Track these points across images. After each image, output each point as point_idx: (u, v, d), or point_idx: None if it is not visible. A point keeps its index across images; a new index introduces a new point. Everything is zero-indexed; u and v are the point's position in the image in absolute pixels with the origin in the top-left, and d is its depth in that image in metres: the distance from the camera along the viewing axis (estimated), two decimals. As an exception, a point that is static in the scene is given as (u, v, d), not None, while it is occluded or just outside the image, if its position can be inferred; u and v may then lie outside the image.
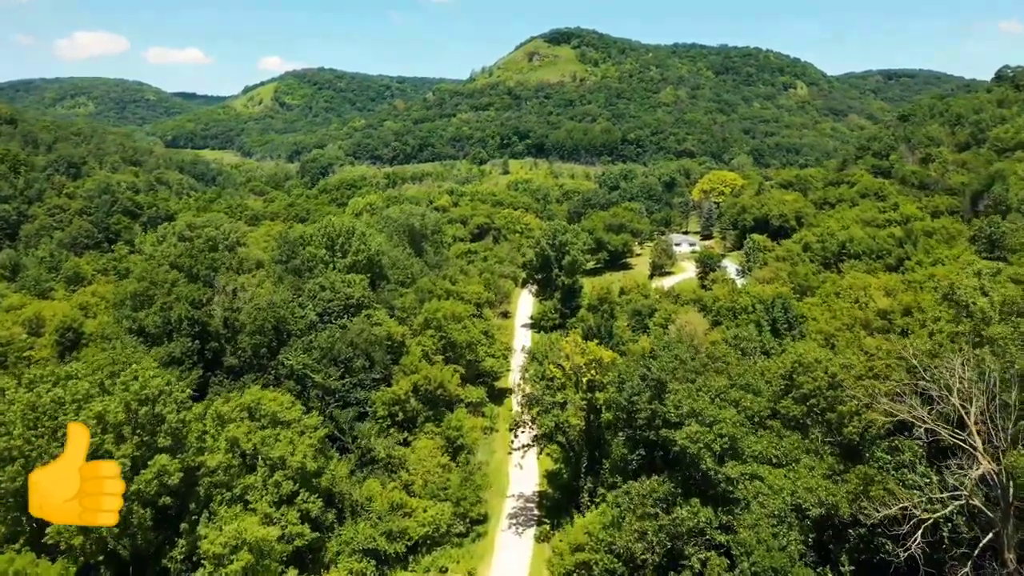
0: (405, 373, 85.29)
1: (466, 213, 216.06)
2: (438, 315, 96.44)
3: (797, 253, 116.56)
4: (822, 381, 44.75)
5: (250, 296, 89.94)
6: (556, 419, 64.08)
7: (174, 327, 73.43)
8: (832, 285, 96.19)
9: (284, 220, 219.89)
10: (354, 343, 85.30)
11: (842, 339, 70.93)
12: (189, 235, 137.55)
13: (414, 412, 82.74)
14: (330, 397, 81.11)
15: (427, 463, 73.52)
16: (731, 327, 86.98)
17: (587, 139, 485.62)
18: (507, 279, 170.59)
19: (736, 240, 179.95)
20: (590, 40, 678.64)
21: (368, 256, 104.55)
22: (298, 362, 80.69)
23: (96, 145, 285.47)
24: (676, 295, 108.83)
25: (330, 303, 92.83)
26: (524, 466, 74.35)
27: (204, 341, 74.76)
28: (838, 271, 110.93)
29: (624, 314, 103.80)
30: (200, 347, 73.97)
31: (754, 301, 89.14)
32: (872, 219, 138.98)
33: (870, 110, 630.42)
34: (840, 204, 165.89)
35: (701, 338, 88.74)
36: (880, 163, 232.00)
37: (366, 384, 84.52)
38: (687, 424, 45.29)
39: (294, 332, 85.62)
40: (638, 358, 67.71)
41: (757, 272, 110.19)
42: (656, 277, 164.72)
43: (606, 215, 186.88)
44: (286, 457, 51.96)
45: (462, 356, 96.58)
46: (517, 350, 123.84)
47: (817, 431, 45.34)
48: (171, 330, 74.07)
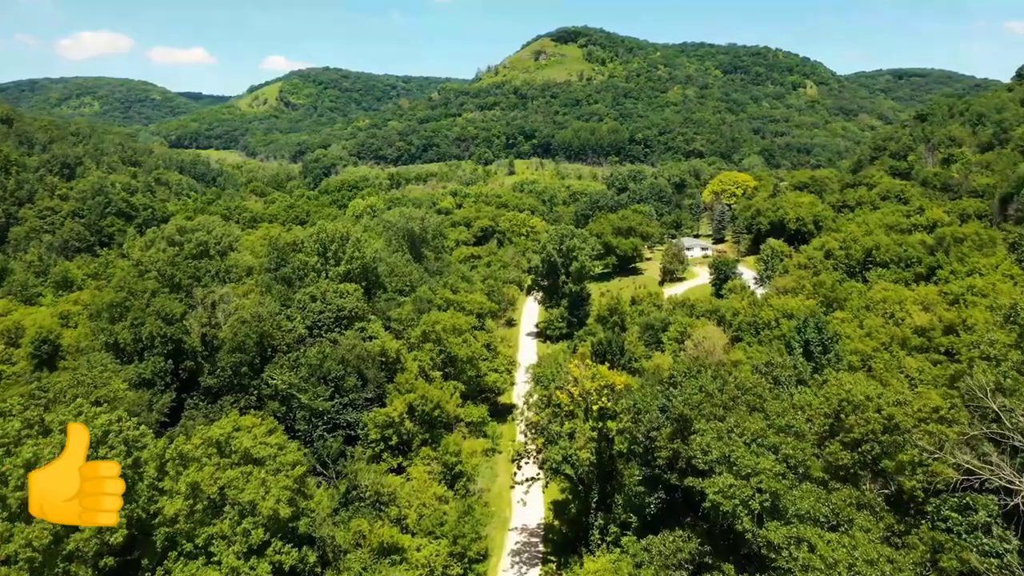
0: (400, 392, 78.94)
1: (470, 216, 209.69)
2: (437, 328, 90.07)
3: (820, 260, 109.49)
4: (875, 424, 38.12)
5: (233, 308, 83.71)
6: (564, 451, 57.55)
7: (145, 345, 67.17)
8: (860, 297, 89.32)
9: (283, 222, 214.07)
10: (345, 359, 79.03)
11: (879, 361, 64.20)
12: (179, 239, 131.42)
13: (409, 435, 76.43)
14: (318, 419, 74.90)
15: (422, 494, 67.20)
16: (753, 343, 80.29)
17: (594, 139, 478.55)
18: (512, 285, 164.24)
19: (750, 244, 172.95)
20: (597, 39, 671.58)
21: (363, 264, 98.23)
22: (283, 381, 74.48)
23: (94, 145, 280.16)
24: (691, 306, 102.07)
25: (321, 315, 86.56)
26: (529, 491, 67.92)
27: (179, 360, 68.43)
28: (864, 280, 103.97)
29: (635, 326, 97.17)
30: (174, 367, 67.62)
31: (777, 315, 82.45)
32: (896, 224, 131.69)
33: (881, 110, 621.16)
34: (860, 207, 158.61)
35: (720, 355, 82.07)
36: (898, 164, 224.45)
37: (358, 404, 78.26)
38: (718, 472, 38.71)
39: (280, 347, 79.37)
40: (654, 384, 61.09)
41: (777, 281, 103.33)
42: (667, 283, 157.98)
43: (615, 218, 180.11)
44: (257, 501, 45.59)
45: (463, 372, 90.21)
46: (522, 365, 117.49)
47: (870, 482, 38.71)
48: (143, 348, 67.83)
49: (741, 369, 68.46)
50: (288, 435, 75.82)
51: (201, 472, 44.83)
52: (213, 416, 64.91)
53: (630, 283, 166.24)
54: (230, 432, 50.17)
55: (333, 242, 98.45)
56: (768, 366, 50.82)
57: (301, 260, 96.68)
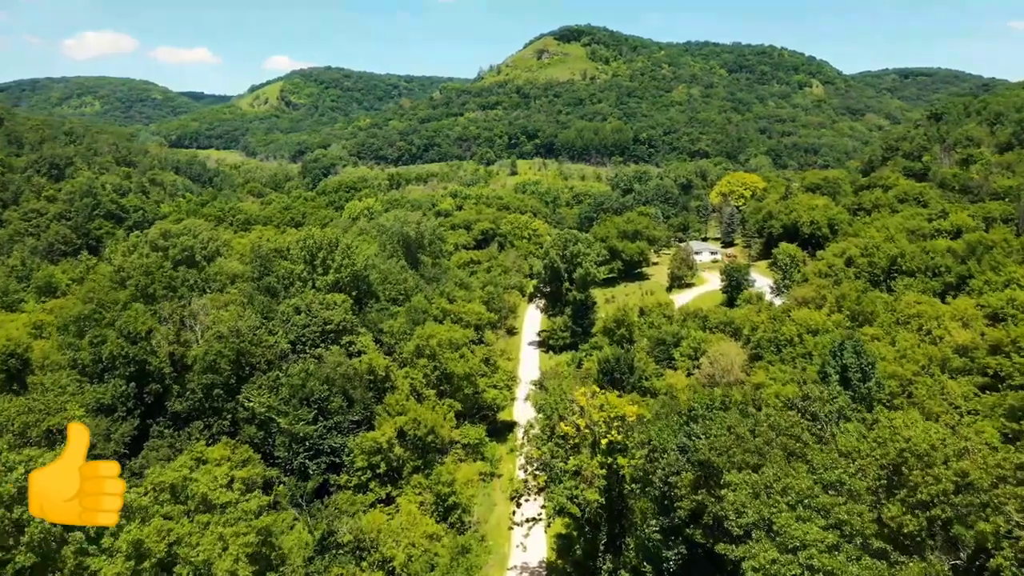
0: (389, 414, 72.51)
1: (470, 218, 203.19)
2: (432, 342, 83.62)
3: (840, 268, 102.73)
4: (947, 482, 31.60)
5: (211, 321, 77.33)
6: (569, 491, 51.04)
7: (106, 365, 60.79)
8: (886, 310, 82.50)
9: (278, 225, 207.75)
10: (330, 379, 72.63)
11: (921, 386, 57.52)
12: (163, 244, 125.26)
13: (399, 461, 69.98)
14: (299, 445, 68.50)
15: (411, 532, 60.77)
16: (775, 362, 73.65)
17: (598, 139, 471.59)
18: (513, 290, 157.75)
19: (762, 249, 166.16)
20: (601, 37, 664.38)
21: (353, 272, 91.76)
22: (261, 404, 68.06)
23: (87, 145, 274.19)
24: (703, 317, 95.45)
25: (305, 329, 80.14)
26: (529, 535, 61.32)
27: (144, 382, 61.99)
28: (889, 291, 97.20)
29: (644, 339, 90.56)
30: (138, 390, 61.18)
31: (800, 330, 75.80)
32: (917, 228, 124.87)
33: (888, 109, 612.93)
34: (877, 210, 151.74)
35: (738, 374, 75.50)
36: (912, 165, 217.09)
37: (343, 428, 71.84)
38: (755, 539, 32.16)
39: (259, 365, 72.96)
40: (671, 413, 54.52)
41: (796, 290, 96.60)
42: (675, 290, 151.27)
43: (620, 221, 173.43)
44: (213, 561, 39.16)
45: (459, 389, 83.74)
46: (523, 378, 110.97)
47: (937, 551, 32.17)
48: (103, 368, 61.46)
49: (765, 394, 61.89)
50: (266, 462, 69.48)
51: (146, 527, 38.35)
52: (180, 445, 58.48)
53: (636, 289, 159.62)
54: (186, 475, 43.72)
55: (321, 249, 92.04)
56: (805, 400, 44.17)
57: (286, 268, 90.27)
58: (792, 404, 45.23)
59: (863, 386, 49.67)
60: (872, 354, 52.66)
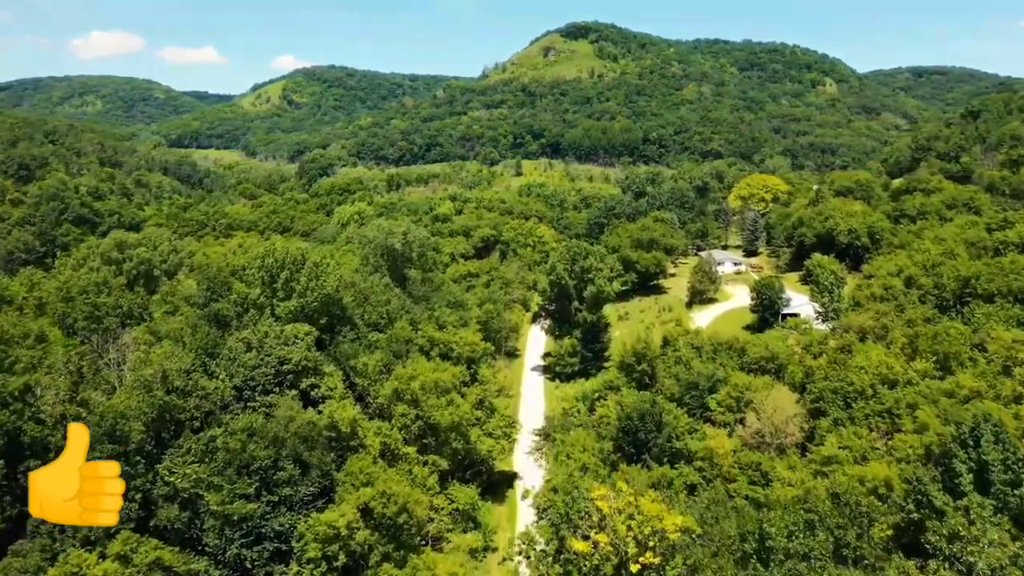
0: (353, 486, 57.21)
1: (470, 223, 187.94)
2: (413, 385, 68.36)
3: (901, 290, 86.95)
4: None
5: (136, 362, 62.27)
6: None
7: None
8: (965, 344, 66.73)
9: (263, 231, 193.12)
10: (279, 439, 57.45)
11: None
12: (117, 257, 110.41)
13: (363, 549, 54.76)
14: (235, 530, 53.28)
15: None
16: (843, 421, 57.96)
17: (606, 138, 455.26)
18: (515, 305, 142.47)
19: (791, 259, 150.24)
20: (608, 34, 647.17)
21: (323, 296, 76.55)
22: (187, 477, 52.94)
23: (68, 145, 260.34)
24: (740, 349, 79.79)
25: (255, 370, 64.85)
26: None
27: (18, 459, 46.88)
28: (961, 317, 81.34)
29: (670, 379, 74.92)
30: (8, 470, 46.03)
31: (873, 379, 60.10)
32: (978, 240, 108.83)
33: (904, 108, 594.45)
34: (923, 218, 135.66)
35: (795, 435, 59.94)
36: (949, 166, 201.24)
37: (294, 503, 56.70)
38: None
39: (189, 423, 57.85)
40: (727, 515, 39.05)
41: (850, 318, 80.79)
42: (696, 305, 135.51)
43: (634, 228, 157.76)
44: None
45: (446, 443, 68.48)
46: (525, 412, 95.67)
47: None
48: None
49: (841, 477, 46.30)
50: (192, 551, 54.49)
51: None
52: (57, 548, 43.35)
53: (652, 304, 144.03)
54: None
55: (284, 269, 76.77)
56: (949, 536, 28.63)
57: (241, 292, 75.09)
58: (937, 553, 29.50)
59: (1012, 493, 34.13)
60: (1016, 442, 37.05)
